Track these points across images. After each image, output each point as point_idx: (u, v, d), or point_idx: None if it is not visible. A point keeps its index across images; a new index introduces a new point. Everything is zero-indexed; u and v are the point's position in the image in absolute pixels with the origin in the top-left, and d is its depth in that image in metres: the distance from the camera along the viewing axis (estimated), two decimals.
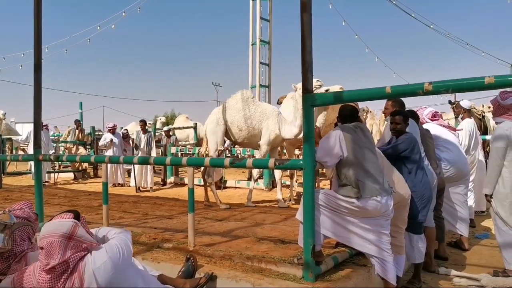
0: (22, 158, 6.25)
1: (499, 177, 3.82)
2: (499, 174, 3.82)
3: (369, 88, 2.74)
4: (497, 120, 3.97)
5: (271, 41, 10.77)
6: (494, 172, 3.84)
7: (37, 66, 4.46)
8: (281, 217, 5.35)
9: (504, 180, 3.80)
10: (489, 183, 3.88)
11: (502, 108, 3.88)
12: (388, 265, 2.98)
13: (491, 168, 3.87)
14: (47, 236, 2.06)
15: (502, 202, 3.81)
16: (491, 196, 3.88)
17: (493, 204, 3.87)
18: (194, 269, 3.08)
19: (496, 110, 3.96)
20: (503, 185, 3.80)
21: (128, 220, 5.15)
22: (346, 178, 2.97)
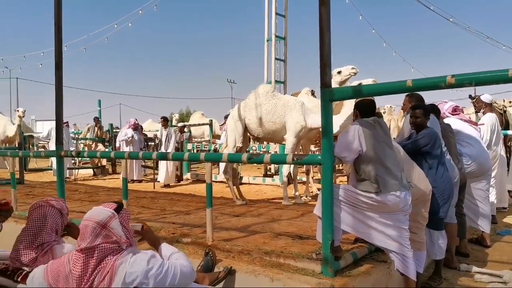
0: (45, 154, 6.40)
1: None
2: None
3: (390, 82, 2.70)
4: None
5: (287, 36, 10.75)
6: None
7: (58, 65, 4.53)
8: (297, 213, 5.34)
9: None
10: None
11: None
12: (408, 260, 2.95)
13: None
14: (86, 219, 2.12)
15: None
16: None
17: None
18: (213, 263, 3.10)
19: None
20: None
21: (147, 216, 5.21)
22: (364, 173, 2.95)
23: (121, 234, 2.12)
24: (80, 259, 2.06)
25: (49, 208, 2.56)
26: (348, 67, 5.43)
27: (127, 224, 2.22)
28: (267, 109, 6.28)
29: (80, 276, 2.05)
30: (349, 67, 5.42)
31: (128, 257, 2.08)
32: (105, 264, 2.05)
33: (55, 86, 4.52)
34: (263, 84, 6.60)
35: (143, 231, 2.53)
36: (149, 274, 2.06)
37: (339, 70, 5.48)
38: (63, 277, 2.09)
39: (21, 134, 10.64)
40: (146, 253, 2.19)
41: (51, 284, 2.13)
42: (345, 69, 5.42)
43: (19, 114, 10.84)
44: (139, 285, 2.04)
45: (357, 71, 5.44)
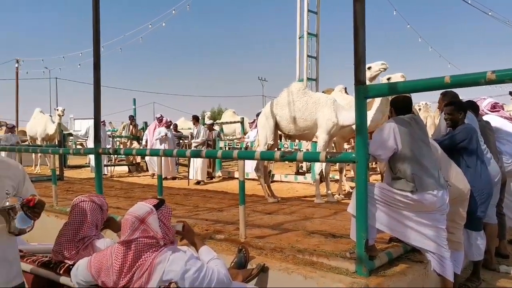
0: (84, 152, 6.62)
1: None
2: None
3: (426, 78, 2.63)
4: None
5: (319, 33, 10.63)
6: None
7: (96, 65, 4.67)
8: (330, 211, 5.30)
9: None
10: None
11: None
12: (445, 261, 2.88)
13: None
14: (128, 214, 2.20)
15: None
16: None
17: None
18: (246, 260, 3.12)
19: None
20: None
21: (181, 212, 5.31)
22: (400, 172, 2.89)
23: (158, 230, 2.15)
24: (121, 251, 2.13)
25: (91, 204, 2.66)
26: (378, 63, 5.31)
27: (167, 220, 2.23)
28: (299, 107, 6.27)
29: (120, 268, 2.11)
30: (378, 63, 5.30)
31: (167, 255, 2.11)
32: (144, 261, 2.10)
33: (93, 86, 4.66)
34: (296, 81, 6.56)
35: (184, 231, 2.54)
36: (186, 275, 2.08)
37: (369, 66, 5.35)
38: (105, 269, 2.16)
39: (61, 132, 11.04)
40: (186, 253, 2.21)
41: (94, 275, 2.21)
42: (375, 64, 5.31)
43: (59, 113, 11.26)
44: (175, 283, 2.08)
45: (387, 66, 5.31)
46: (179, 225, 2.53)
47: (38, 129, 12.25)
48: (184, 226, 2.54)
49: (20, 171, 2.18)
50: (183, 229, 2.53)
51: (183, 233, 2.54)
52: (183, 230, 2.53)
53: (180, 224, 2.54)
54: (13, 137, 11.54)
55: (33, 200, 1.99)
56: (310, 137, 6.63)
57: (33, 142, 12.58)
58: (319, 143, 6.20)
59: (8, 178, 2.08)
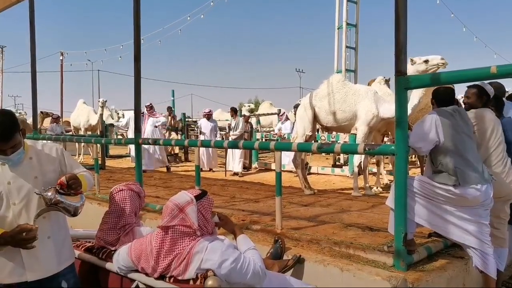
0: (125, 142, 6.82)
1: None
2: None
3: (471, 69, 2.53)
4: None
5: (358, 23, 10.44)
6: None
7: (137, 57, 4.78)
8: (368, 205, 5.24)
9: None
10: None
11: None
12: (488, 257, 2.78)
13: None
14: (170, 200, 2.26)
15: None
16: None
17: None
18: (282, 251, 3.13)
19: None
20: None
21: (217, 202, 5.38)
22: (442, 165, 2.82)
23: (194, 221, 2.18)
24: (160, 236, 2.20)
25: (130, 192, 2.75)
26: (436, 57, 5.03)
27: (206, 212, 2.26)
28: (338, 98, 6.20)
29: (158, 252, 2.18)
30: (437, 57, 5.03)
31: (205, 245, 2.15)
32: (182, 250, 2.15)
33: (134, 78, 4.78)
34: (335, 73, 6.49)
35: (221, 222, 2.55)
36: (223, 265, 2.11)
37: (426, 59, 5.13)
38: (144, 256, 2.24)
39: (103, 123, 11.43)
40: (224, 242, 2.24)
41: (134, 261, 2.30)
42: (433, 58, 5.05)
43: (100, 104, 11.69)
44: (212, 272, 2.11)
45: (446, 62, 5.01)
46: (214, 217, 2.53)
47: (81, 119, 12.74)
48: (220, 217, 2.55)
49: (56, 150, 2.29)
50: (220, 219, 2.55)
51: (221, 223, 2.56)
52: (220, 220, 2.55)
53: (215, 215, 2.54)
54: (58, 127, 12.04)
55: (61, 182, 2.08)
56: (349, 129, 6.54)
57: (77, 132, 13.09)
58: (359, 135, 6.11)
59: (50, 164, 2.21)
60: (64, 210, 2.10)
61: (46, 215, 2.15)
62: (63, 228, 2.31)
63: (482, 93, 3.23)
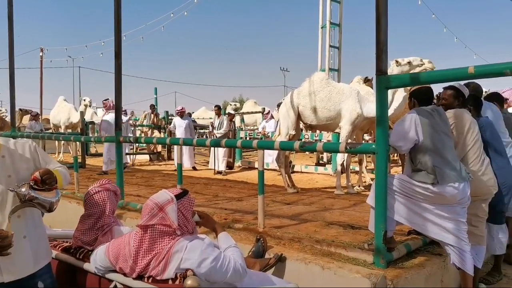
0: (105, 140, 6.72)
1: None
2: None
3: (449, 69, 2.57)
4: None
5: (342, 23, 10.50)
6: None
7: (117, 54, 4.73)
8: (350, 203, 5.28)
9: None
10: None
11: None
12: (465, 254, 2.83)
13: None
14: (150, 199, 2.22)
15: None
16: None
17: None
18: (264, 250, 3.14)
19: None
20: None
21: (200, 201, 5.36)
22: (421, 164, 2.85)
23: (174, 220, 2.14)
24: (138, 235, 2.17)
25: (107, 192, 2.68)
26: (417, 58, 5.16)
27: (187, 212, 2.23)
28: (322, 97, 6.23)
29: (136, 252, 2.15)
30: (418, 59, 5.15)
31: (184, 244, 2.12)
32: (161, 249, 2.11)
33: (114, 75, 4.72)
34: (318, 71, 6.51)
35: (202, 220, 2.52)
36: (203, 264, 2.08)
37: (409, 60, 5.20)
38: (122, 256, 2.21)
39: (83, 121, 11.25)
40: (204, 240, 2.21)
41: (112, 261, 2.26)
42: (414, 59, 5.14)
43: (86, 103, 11.52)
44: (192, 271, 2.09)
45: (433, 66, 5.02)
46: (194, 216, 2.50)
47: (61, 117, 12.52)
48: (200, 216, 2.52)
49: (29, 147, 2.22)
50: (200, 218, 2.52)
51: (202, 222, 2.54)
52: (201, 219, 2.52)
53: (195, 214, 2.51)
54: (37, 124, 11.81)
55: (35, 178, 2.02)
56: (333, 127, 6.59)
57: (56, 130, 12.87)
58: (342, 134, 6.16)
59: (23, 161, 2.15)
60: (39, 206, 2.04)
61: (21, 214, 2.09)
62: (39, 227, 2.25)
63: (458, 94, 3.29)
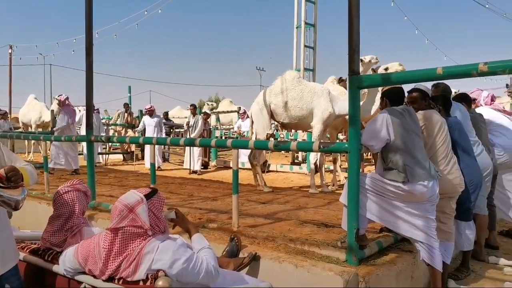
0: (76, 139, 6.57)
1: None
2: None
3: (419, 70, 2.64)
4: None
5: (317, 23, 10.59)
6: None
7: (89, 51, 4.63)
8: (324, 201, 5.34)
9: None
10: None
11: None
12: (434, 251, 2.90)
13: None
14: (118, 201, 2.17)
15: None
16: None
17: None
18: (238, 249, 3.14)
19: None
20: None
21: (174, 201, 5.31)
22: (392, 162, 2.91)
23: (146, 220, 2.11)
24: (108, 238, 2.12)
25: (76, 193, 2.63)
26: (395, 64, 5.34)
27: (158, 211, 2.20)
28: (294, 95, 6.28)
29: (106, 255, 2.10)
30: (396, 64, 5.33)
31: (156, 244, 2.09)
32: (132, 251, 2.08)
33: (85, 72, 4.64)
34: (290, 70, 6.55)
35: (177, 219, 2.50)
36: (174, 265, 2.06)
37: (386, 66, 5.42)
38: (92, 257, 2.16)
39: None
40: (176, 241, 2.19)
41: (81, 263, 2.21)
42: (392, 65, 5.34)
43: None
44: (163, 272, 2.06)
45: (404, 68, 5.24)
46: (171, 212, 2.49)
47: (32, 115, 12.17)
48: (176, 214, 2.50)
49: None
50: (176, 216, 2.50)
51: (177, 220, 2.51)
52: (176, 217, 2.50)
53: (172, 211, 2.50)
54: (6, 123, 11.47)
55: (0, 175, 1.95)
56: (305, 126, 6.64)
57: (26, 129, 12.52)
58: (315, 132, 6.22)
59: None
60: (4, 204, 1.97)
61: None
62: (6, 229, 2.18)
63: (424, 95, 3.36)
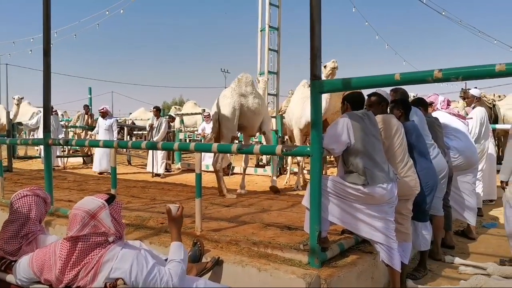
0: (32, 142, 6.32)
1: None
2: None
3: (378, 75, 2.71)
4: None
5: (280, 27, 10.67)
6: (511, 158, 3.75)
7: (46, 51, 4.48)
8: (288, 204, 5.37)
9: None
10: (506, 169, 3.78)
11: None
12: (393, 252, 2.98)
13: (509, 155, 3.80)
14: (76, 208, 2.11)
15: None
16: (507, 183, 3.76)
17: (508, 191, 3.75)
18: (200, 254, 3.11)
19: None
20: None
21: (136, 205, 5.20)
22: (352, 165, 2.96)
23: (110, 225, 2.08)
24: (66, 248, 2.04)
25: (35, 198, 2.53)
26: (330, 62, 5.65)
27: (118, 216, 2.17)
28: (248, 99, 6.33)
29: (63, 265, 2.03)
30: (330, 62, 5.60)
31: (116, 252, 2.05)
32: (91, 259, 2.02)
33: (43, 73, 4.49)
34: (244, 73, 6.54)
35: (175, 216, 2.44)
36: (134, 275, 2.03)
37: (325, 64, 5.68)
38: (47, 267, 2.08)
39: (10, 122, 10.52)
40: (137, 249, 2.14)
41: (36, 272, 2.12)
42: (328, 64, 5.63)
43: (15, 102, 10.75)
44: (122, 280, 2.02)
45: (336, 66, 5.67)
46: (175, 206, 2.46)
47: None
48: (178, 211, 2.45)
49: None
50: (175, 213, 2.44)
51: (173, 217, 2.45)
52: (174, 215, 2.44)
53: (176, 206, 2.46)
54: None
55: None
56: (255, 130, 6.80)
57: None
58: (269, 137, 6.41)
59: None
60: None
61: None
62: None
63: (381, 99, 3.48)
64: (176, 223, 2.48)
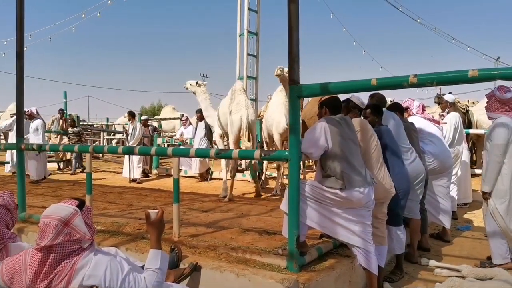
0: (4, 147, 6.14)
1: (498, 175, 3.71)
2: (499, 171, 3.70)
3: (355, 80, 2.76)
4: (492, 116, 3.83)
5: (259, 32, 10.70)
6: (495, 169, 3.70)
7: (20, 54, 4.39)
8: (266, 208, 5.37)
9: (504, 177, 3.70)
10: (489, 180, 3.73)
11: (498, 102, 3.77)
12: (370, 255, 3.01)
13: (492, 166, 3.72)
14: (46, 216, 2.03)
15: (502, 199, 3.71)
16: (490, 194, 3.76)
17: (492, 201, 3.76)
18: (178, 260, 3.07)
19: (492, 104, 3.83)
20: (502, 182, 3.70)
21: (113, 211, 5.11)
22: (330, 170, 2.98)
23: (85, 231, 2.03)
24: (37, 258, 1.97)
25: None
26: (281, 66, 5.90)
27: (89, 221, 2.12)
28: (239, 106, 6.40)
29: (35, 275, 1.96)
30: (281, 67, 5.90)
31: (89, 258, 2.00)
32: (64, 267, 1.97)
33: (16, 76, 4.39)
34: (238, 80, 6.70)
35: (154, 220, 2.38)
36: (108, 282, 1.99)
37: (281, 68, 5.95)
38: (18, 276, 2.01)
39: None
40: (112, 255, 2.10)
41: (6, 282, 2.05)
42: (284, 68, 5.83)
43: None
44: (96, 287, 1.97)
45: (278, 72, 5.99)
46: (154, 211, 2.39)
47: None
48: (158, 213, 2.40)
49: None
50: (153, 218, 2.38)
51: (152, 221, 2.39)
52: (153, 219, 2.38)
53: (155, 211, 2.40)
54: None
55: None
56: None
57: None
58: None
59: None
60: None
61: None
62: None
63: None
64: (154, 228, 2.42)
